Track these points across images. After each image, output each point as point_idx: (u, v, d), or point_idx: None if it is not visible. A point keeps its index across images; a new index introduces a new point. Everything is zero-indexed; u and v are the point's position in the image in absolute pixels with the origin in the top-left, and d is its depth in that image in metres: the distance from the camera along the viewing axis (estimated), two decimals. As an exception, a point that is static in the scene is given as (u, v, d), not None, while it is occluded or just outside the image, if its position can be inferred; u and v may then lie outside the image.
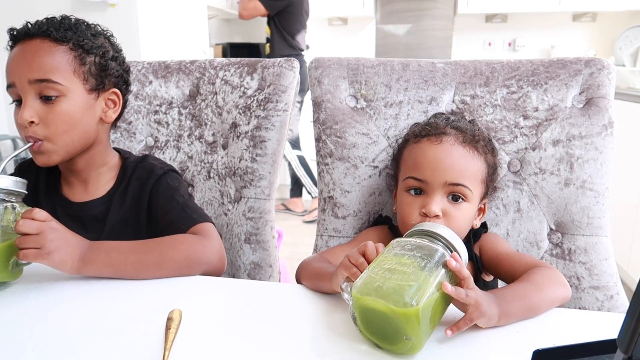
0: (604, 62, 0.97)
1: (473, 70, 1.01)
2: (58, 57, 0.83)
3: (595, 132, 0.94)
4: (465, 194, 0.80)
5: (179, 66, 1.20)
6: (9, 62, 0.83)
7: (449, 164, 0.81)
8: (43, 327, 0.66)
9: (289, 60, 1.12)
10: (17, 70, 0.81)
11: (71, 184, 0.93)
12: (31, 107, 0.81)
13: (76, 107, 0.84)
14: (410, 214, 0.82)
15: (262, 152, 1.10)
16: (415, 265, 0.59)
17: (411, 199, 0.83)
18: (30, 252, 0.72)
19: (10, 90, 0.83)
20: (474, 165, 0.83)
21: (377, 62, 1.04)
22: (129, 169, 0.94)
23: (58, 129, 0.83)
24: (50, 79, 0.81)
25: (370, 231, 0.96)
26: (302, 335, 0.65)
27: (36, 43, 0.82)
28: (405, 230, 0.84)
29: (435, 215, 0.79)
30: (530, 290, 0.70)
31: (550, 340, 0.63)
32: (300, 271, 0.83)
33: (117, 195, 0.92)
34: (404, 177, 0.85)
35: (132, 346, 0.61)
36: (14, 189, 0.77)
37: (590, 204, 0.94)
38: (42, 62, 0.81)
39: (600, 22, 3.92)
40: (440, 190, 0.80)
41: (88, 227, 0.91)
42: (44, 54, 0.82)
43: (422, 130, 0.87)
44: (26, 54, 0.82)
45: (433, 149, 0.82)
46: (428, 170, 0.81)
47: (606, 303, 0.92)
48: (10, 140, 2.31)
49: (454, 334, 0.60)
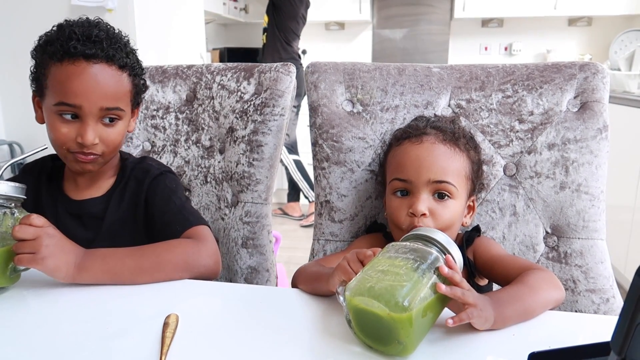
0: (598, 66, 0.97)
1: (469, 75, 1.02)
2: (124, 85, 0.87)
3: (590, 135, 0.95)
4: (450, 190, 0.81)
5: (175, 71, 1.20)
6: (73, 82, 0.81)
7: (431, 162, 0.82)
8: (38, 333, 0.66)
9: (286, 65, 1.12)
10: (89, 95, 0.81)
11: (75, 183, 0.94)
12: (94, 129, 0.83)
13: (125, 126, 0.90)
14: (398, 215, 0.83)
15: (259, 156, 1.10)
16: (408, 267, 0.59)
17: (398, 201, 0.84)
18: (24, 257, 0.73)
19: (68, 108, 0.82)
20: (456, 162, 0.84)
21: (373, 67, 1.04)
22: (127, 169, 0.96)
23: (114, 147, 0.88)
24: (120, 107, 0.86)
25: (365, 239, 0.97)
26: (297, 338, 0.65)
27: (104, 68, 0.83)
28: (397, 234, 0.85)
29: (422, 214, 0.79)
30: (525, 293, 0.70)
31: (546, 343, 0.63)
32: (296, 276, 0.83)
33: (115, 195, 0.93)
34: (390, 180, 0.86)
35: (128, 352, 0.61)
36: (13, 195, 0.77)
37: (585, 207, 0.94)
38: (115, 92, 0.85)
39: (596, 26, 3.95)
40: (425, 189, 0.81)
41: (87, 224, 0.92)
42: (115, 83, 0.85)
43: (403, 133, 0.89)
44: (99, 80, 0.82)
45: (414, 149, 0.84)
46: (411, 170, 0.82)
47: (602, 306, 0.92)
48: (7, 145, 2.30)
49: (456, 325, 0.60)
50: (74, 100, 0.81)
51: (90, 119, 0.83)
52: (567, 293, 0.93)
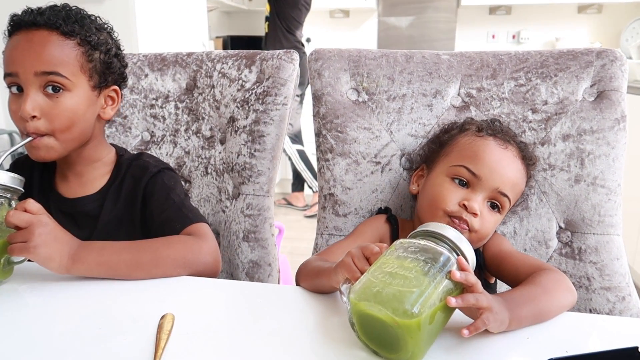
0: (617, 53, 0.93)
1: (479, 62, 0.97)
2: (67, 51, 0.81)
3: (607, 126, 0.90)
4: (504, 206, 0.81)
5: (175, 59, 1.17)
6: (11, 50, 0.79)
7: (507, 172, 0.81)
8: (31, 332, 0.63)
9: (288, 53, 1.08)
10: (23, 60, 0.78)
11: (66, 179, 0.91)
12: (34, 100, 0.78)
13: (80, 103, 0.82)
14: (448, 200, 0.80)
15: (261, 147, 1.06)
16: (417, 269, 0.55)
17: (453, 187, 0.81)
18: (16, 246, 0.70)
19: (9, 79, 0.79)
20: (521, 184, 0.84)
21: (380, 54, 1.00)
22: (123, 166, 0.92)
23: (61, 124, 0.80)
24: (58, 72, 0.79)
25: (368, 224, 0.93)
26: (298, 340, 0.62)
27: (44, 34, 0.79)
28: (426, 213, 0.83)
29: (474, 212, 0.78)
30: (539, 294, 0.67)
31: (563, 347, 0.60)
32: (298, 273, 0.80)
33: (110, 193, 0.90)
34: (455, 164, 0.83)
35: (121, 354, 0.58)
36: (11, 185, 0.75)
37: (601, 201, 0.90)
38: (51, 55, 0.79)
39: (606, 13, 3.86)
40: (488, 193, 0.80)
41: (80, 223, 0.89)
42: (53, 46, 0.79)
43: (488, 127, 0.86)
44: (34, 44, 0.78)
45: (499, 151, 0.82)
46: (487, 169, 0.80)
47: (618, 305, 0.88)
48: (7, 134, 2.28)
49: (472, 334, 0.56)
50: (11, 68, 0.78)
51: (29, 87, 0.78)
52: (581, 291, 0.90)
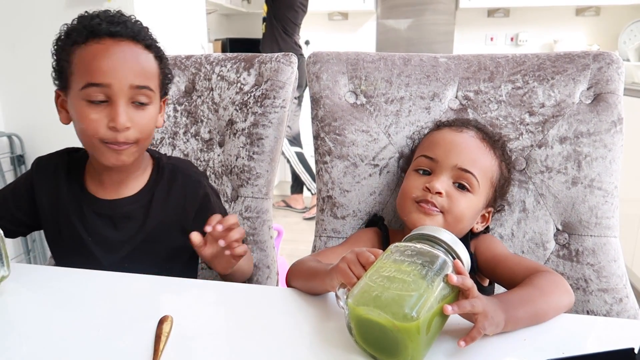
0: (613, 56, 0.93)
1: (477, 65, 0.98)
2: (153, 65, 0.83)
3: (604, 128, 0.91)
4: (472, 184, 0.80)
5: (174, 61, 1.17)
6: (101, 61, 0.77)
7: (463, 148, 0.81)
8: (29, 334, 0.63)
9: (287, 56, 1.09)
10: (118, 72, 0.77)
11: (100, 181, 0.89)
12: (126, 112, 0.79)
13: (156, 114, 0.85)
14: (413, 187, 0.81)
15: (260, 149, 1.07)
16: (415, 273, 0.55)
17: (417, 177, 0.82)
18: None
19: (96, 90, 0.77)
20: (487, 160, 0.82)
21: (378, 57, 1.00)
22: (165, 169, 0.91)
23: (145, 134, 0.82)
24: (149, 86, 0.81)
25: (362, 233, 0.94)
26: (295, 344, 0.62)
27: (130, 46, 0.80)
28: (399, 208, 0.84)
29: (437, 191, 0.78)
30: (535, 295, 0.67)
31: (559, 348, 0.60)
32: (291, 272, 0.80)
33: (156, 196, 0.89)
34: (416, 157, 0.84)
35: (120, 356, 0.58)
36: None
37: (598, 203, 0.90)
38: (144, 69, 0.81)
39: (604, 16, 3.87)
40: (449, 172, 0.80)
41: (118, 225, 0.88)
42: (144, 61, 0.81)
43: (446, 122, 0.89)
44: (127, 57, 0.79)
45: (453, 134, 0.84)
46: (441, 150, 0.81)
47: (615, 306, 0.88)
48: (7, 137, 2.28)
49: (468, 345, 0.56)
50: (103, 79, 0.77)
51: (121, 98, 0.78)
52: (578, 292, 0.90)
